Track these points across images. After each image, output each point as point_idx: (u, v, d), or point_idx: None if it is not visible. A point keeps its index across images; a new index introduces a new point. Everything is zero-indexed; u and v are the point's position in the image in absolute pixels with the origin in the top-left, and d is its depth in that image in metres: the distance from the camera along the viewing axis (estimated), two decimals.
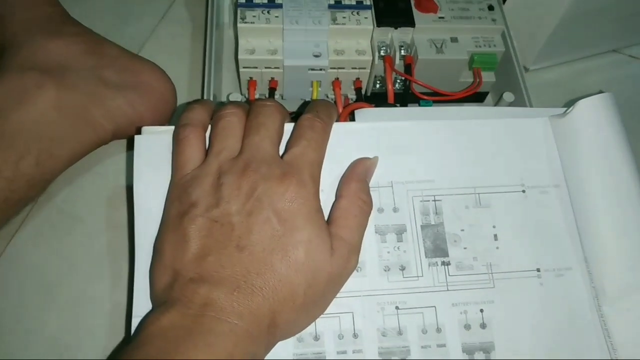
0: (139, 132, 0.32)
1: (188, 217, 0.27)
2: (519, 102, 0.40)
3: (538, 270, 0.31)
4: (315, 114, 0.31)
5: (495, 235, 0.31)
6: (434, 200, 0.32)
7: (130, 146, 0.40)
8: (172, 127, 0.32)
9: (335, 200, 0.30)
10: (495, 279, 0.31)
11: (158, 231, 0.29)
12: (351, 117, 0.36)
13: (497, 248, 0.31)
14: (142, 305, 0.29)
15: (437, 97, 0.40)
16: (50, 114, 0.35)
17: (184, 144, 0.30)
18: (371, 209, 0.30)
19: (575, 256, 0.31)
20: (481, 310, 0.30)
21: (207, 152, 0.30)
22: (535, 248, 0.31)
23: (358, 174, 0.31)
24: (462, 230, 0.31)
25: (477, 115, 0.34)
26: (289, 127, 0.31)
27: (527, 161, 0.33)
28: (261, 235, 0.27)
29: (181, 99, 0.43)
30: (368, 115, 0.34)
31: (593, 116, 0.32)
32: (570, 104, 0.48)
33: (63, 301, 0.36)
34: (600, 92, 0.49)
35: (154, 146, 0.31)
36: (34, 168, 0.34)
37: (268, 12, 0.39)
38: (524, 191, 0.32)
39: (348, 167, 0.31)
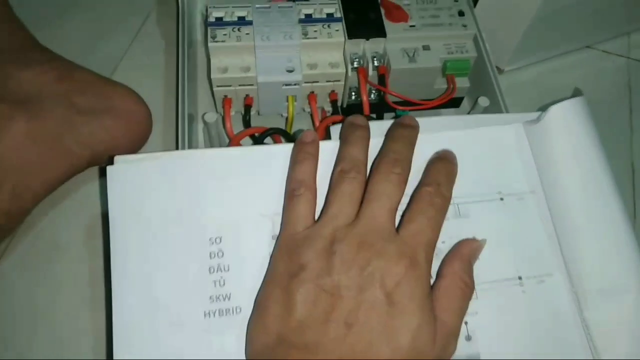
0: (111, 162, 0.31)
1: (297, 279, 0.27)
2: (494, 105, 0.41)
3: (520, 278, 0.31)
4: (436, 187, 0.30)
5: None
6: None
7: (103, 173, 0.40)
8: (145, 155, 0.31)
9: (437, 278, 0.29)
10: (478, 289, 0.31)
11: (263, 284, 0.29)
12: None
13: (478, 259, 0.31)
14: (122, 330, 0.28)
15: (413, 107, 0.40)
16: (23, 145, 0.35)
17: (298, 201, 0.29)
18: (473, 291, 0.29)
19: (555, 262, 0.31)
20: (465, 323, 0.30)
21: (322, 211, 0.30)
22: (515, 255, 0.31)
23: (463, 254, 0.30)
24: (443, 242, 0.31)
25: (452, 125, 0.34)
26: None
27: (503, 169, 0.33)
28: (370, 314, 0.26)
29: (157, 118, 0.43)
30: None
31: (566, 121, 0.32)
32: (546, 104, 0.48)
33: (47, 331, 0.36)
34: (576, 89, 0.49)
35: (128, 177, 0.31)
36: (9, 201, 0.34)
37: (239, 29, 0.39)
38: (502, 199, 0.32)
39: (454, 246, 0.30)
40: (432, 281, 0.29)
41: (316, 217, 0.30)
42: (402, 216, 0.30)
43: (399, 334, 0.26)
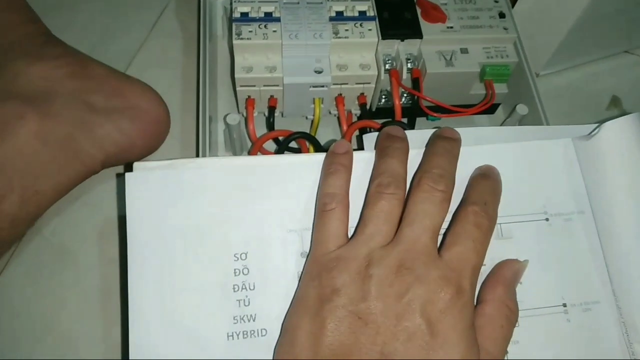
0: (129, 167, 0.29)
1: (329, 305, 0.25)
2: (532, 113, 0.38)
3: (564, 305, 0.29)
4: (483, 207, 0.27)
5: None
6: None
7: (119, 175, 0.38)
8: (165, 162, 0.29)
9: (479, 303, 0.27)
10: (520, 316, 0.28)
11: (291, 308, 0.27)
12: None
13: (521, 283, 0.29)
14: (139, 350, 0.27)
15: (447, 115, 0.37)
16: (33, 147, 0.32)
17: (329, 217, 0.27)
18: (517, 318, 0.27)
19: (603, 289, 0.29)
20: (506, 352, 0.28)
21: (356, 229, 0.28)
22: (560, 281, 0.29)
23: (506, 277, 0.27)
24: (484, 265, 0.29)
25: (494, 137, 0.32)
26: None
27: (550, 186, 0.31)
28: (408, 345, 0.24)
29: (175, 118, 0.41)
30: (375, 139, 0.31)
31: (620, 139, 0.30)
32: (583, 110, 0.46)
33: (54, 340, 0.34)
34: (614, 97, 0.47)
35: (147, 185, 0.29)
36: (17, 207, 0.32)
37: (265, 26, 0.37)
38: (547, 219, 0.30)
39: (494, 268, 0.28)
40: None
41: (349, 235, 0.28)
42: (444, 237, 0.28)
43: None
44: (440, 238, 0.28)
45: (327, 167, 0.29)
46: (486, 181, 0.29)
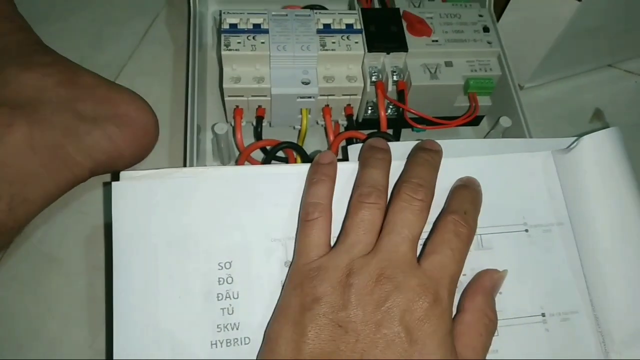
0: (116, 176, 0.30)
1: (310, 313, 0.25)
2: (515, 125, 0.39)
3: (543, 314, 0.30)
4: (463, 216, 0.28)
5: None
6: None
7: (106, 184, 0.38)
8: (152, 172, 0.30)
9: (458, 312, 0.27)
10: (499, 325, 0.29)
11: (273, 316, 0.27)
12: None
13: (501, 292, 0.29)
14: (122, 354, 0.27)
15: (432, 127, 0.38)
16: (22, 154, 0.33)
17: (312, 227, 0.28)
18: (496, 327, 0.27)
19: (581, 299, 0.30)
20: None
21: (338, 238, 0.28)
22: (539, 291, 0.30)
23: (485, 287, 0.28)
24: (464, 275, 0.29)
25: (476, 149, 0.32)
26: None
27: (530, 198, 0.31)
28: (387, 352, 0.24)
29: (164, 127, 0.41)
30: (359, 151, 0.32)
31: (598, 152, 0.31)
32: (566, 123, 0.47)
33: (41, 346, 0.34)
34: (597, 109, 0.48)
35: (133, 194, 0.29)
36: (5, 214, 0.32)
37: (253, 38, 0.37)
38: (527, 230, 0.31)
39: (474, 277, 0.29)
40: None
41: (332, 244, 0.29)
42: (424, 246, 0.28)
43: None
44: (421, 246, 0.28)
45: (311, 177, 0.30)
46: (466, 191, 0.30)
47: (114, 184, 0.29)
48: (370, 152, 0.30)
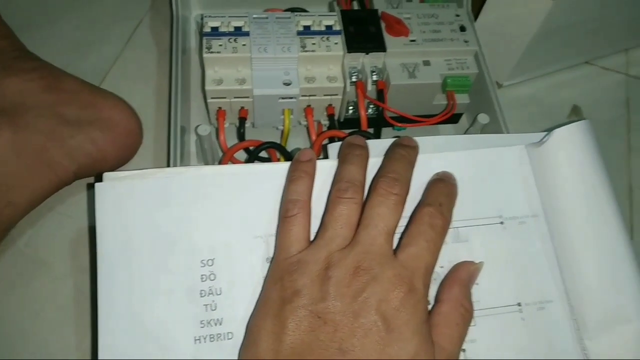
0: (99, 178, 0.30)
1: (290, 306, 0.26)
2: (493, 122, 0.40)
3: (519, 304, 0.30)
4: (438, 208, 0.29)
5: None
6: None
7: (90, 185, 0.39)
8: (135, 172, 0.30)
9: (436, 303, 0.28)
10: (477, 316, 0.30)
11: (255, 310, 0.28)
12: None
13: (477, 284, 0.30)
14: (107, 352, 0.27)
15: (411, 125, 0.39)
16: (6, 159, 0.33)
17: (292, 222, 0.29)
18: (472, 317, 0.28)
19: (555, 288, 0.31)
20: (463, 350, 0.29)
21: (317, 233, 0.29)
22: (515, 281, 0.31)
23: (462, 278, 0.29)
24: (442, 267, 0.30)
25: (453, 145, 0.33)
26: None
27: (505, 191, 0.32)
28: (365, 341, 0.25)
29: (148, 128, 0.42)
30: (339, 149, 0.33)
31: (569, 145, 0.31)
32: (546, 122, 0.48)
33: (27, 349, 0.34)
34: (575, 106, 0.49)
35: (117, 195, 0.30)
36: None
37: (235, 40, 0.38)
38: (502, 222, 0.32)
39: (451, 269, 0.30)
40: (430, 306, 0.28)
41: (312, 239, 0.29)
42: (401, 238, 0.29)
43: None
44: (398, 240, 0.29)
45: (291, 175, 0.30)
46: (442, 184, 0.31)
47: (97, 184, 0.29)
48: (348, 149, 0.31)
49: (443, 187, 0.30)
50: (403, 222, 0.29)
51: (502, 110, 0.40)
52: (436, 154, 0.32)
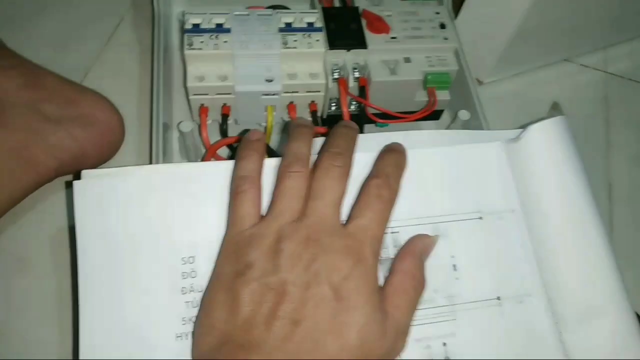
0: (78, 176, 0.30)
1: (243, 279, 0.26)
2: (474, 119, 0.40)
3: (498, 298, 0.31)
4: (385, 179, 0.29)
5: (455, 266, 0.31)
6: (392, 232, 0.31)
7: (69, 184, 0.38)
8: (114, 170, 0.30)
9: (389, 274, 0.29)
10: (457, 310, 0.30)
11: (208, 285, 0.28)
12: None
13: (457, 279, 0.31)
14: (89, 351, 0.27)
15: (393, 121, 0.39)
16: None
17: (242, 198, 0.29)
18: (424, 288, 0.29)
19: (534, 282, 0.31)
20: (444, 344, 0.30)
21: (268, 208, 0.29)
22: (494, 276, 0.31)
23: (414, 251, 0.30)
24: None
25: (433, 141, 0.34)
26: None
27: (483, 187, 0.33)
28: (317, 311, 0.26)
29: (131, 126, 0.42)
30: (317, 145, 0.33)
31: (545, 140, 0.32)
32: (526, 119, 0.48)
33: (8, 348, 0.34)
34: (554, 103, 0.50)
35: (95, 193, 0.30)
36: None
37: (216, 37, 0.38)
38: (480, 218, 0.32)
39: (406, 242, 0.30)
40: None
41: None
42: (351, 209, 0.29)
43: (346, 330, 0.26)
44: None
45: (240, 152, 0.31)
46: (389, 154, 0.31)
47: (75, 182, 0.29)
48: (294, 128, 0.32)
49: (390, 157, 0.31)
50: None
51: (482, 106, 0.40)
52: (415, 150, 0.32)
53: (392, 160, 0.31)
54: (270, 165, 0.31)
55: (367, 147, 0.32)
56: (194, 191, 0.31)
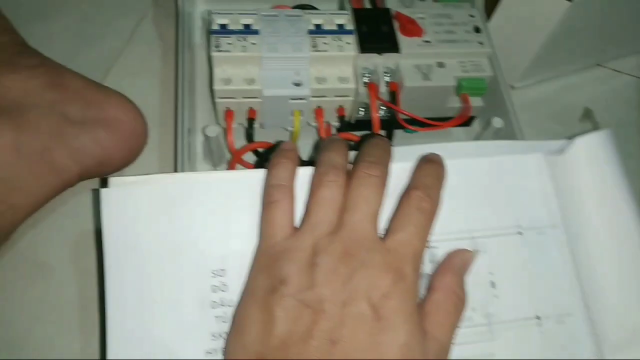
0: (105, 182, 0.29)
1: (277, 295, 0.25)
2: (507, 126, 0.39)
3: (538, 317, 0.30)
4: (425, 190, 0.28)
5: (493, 282, 0.30)
6: (430, 247, 0.30)
7: (95, 191, 0.37)
8: (142, 177, 0.29)
9: (429, 291, 0.28)
10: (495, 330, 0.29)
11: (240, 300, 0.27)
12: None
13: (495, 296, 0.30)
14: None
15: (424, 128, 0.38)
16: (8, 160, 0.32)
17: (275, 208, 0.28)
18: (465, 306, 0.28)
19: (575, 301, 0.30)
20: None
21: (302, 219, 0.28)
22: (534, 294, 0.30)
23: (454, 266, 0.28)
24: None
25: (468, 152, 0.32)
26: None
27: (523, 201, 0.31)
28: (355, 330, 0.24)
29: (153, 129, 0.41)
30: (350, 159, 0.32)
31: (591, 154, 0.31)
32: (556, 122, 0.47)
33: (30, 355, 0.33)
34: (586, 109, 0.48)
35: (123, 202, 0.29)
36: None
37: (244, 39, 0.37)
38: (520, 233, 0.31)
39: (445, 258, 0.29)
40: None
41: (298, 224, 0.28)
42: (390, 222, 0.28)
43: (386, 350, 0.24)
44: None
45: (273, 161, 0.30)
46: (429, 165, 0.30)
47: (103, 191, 0.28)
48: (327, 142, 0.31)
49: (430, 169, 0.30)
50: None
51: (516, 114, 0.39)
52: (453, 160, 0.31)
53: (431, 171, 0.29)
54: (304, 174, 0.30)
55: (403, 159, 0.30)
56: (224, 201, 0.30)
